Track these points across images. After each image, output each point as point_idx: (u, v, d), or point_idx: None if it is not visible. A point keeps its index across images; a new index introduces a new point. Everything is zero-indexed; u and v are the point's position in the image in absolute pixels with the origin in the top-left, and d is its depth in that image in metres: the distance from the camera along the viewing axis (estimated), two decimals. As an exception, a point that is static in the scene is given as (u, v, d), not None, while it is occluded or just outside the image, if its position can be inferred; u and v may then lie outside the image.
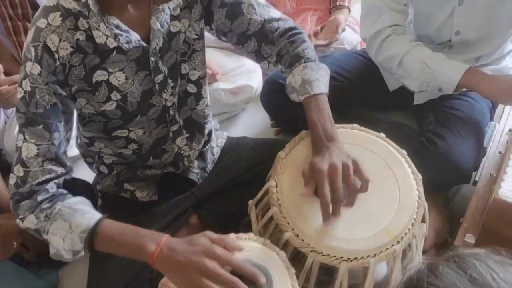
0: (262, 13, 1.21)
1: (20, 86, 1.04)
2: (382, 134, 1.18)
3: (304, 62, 1.19)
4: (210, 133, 1.37)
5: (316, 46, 1.72)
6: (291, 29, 1.23)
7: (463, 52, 1.53)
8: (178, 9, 1.14)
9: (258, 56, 1.25)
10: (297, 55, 1.20)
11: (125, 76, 1.10)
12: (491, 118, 1.55)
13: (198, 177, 1.36)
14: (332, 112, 1.15)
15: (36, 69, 1.01)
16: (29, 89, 1.03)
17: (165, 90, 1.18)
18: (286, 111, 1.46)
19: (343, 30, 1.78)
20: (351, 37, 1.86)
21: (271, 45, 1.22)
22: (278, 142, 1.44)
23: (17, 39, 1.54)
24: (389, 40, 1.45)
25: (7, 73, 1.47)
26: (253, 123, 1.88)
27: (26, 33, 1.52)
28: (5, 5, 1.49)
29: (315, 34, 1.80)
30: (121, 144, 1.21)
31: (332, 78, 1.56)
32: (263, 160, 1.28)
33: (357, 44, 1.86)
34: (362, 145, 1.14)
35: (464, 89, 1.44)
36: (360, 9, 1.55)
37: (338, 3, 1.85)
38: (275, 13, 1.23)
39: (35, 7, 1.52)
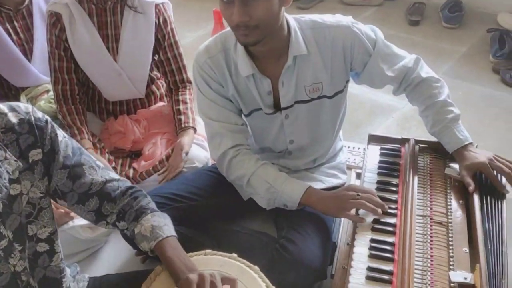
0: (103, 175, 1.27)
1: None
2: (234, 254, 1.24)
3: (151, 212, 1.27)
4: (69, 286, 1.33)
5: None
6: (131, 187, 1.32)
7: (301, 156, 1.70)
8: (17, 172, 1.13)
9: (97, 215, 1.28)
10: (142, 207, 1.28)
11: None
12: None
13: None
14: (190, 230, 1.22)
15: None
16: None
17: (12, 255, 1.14)
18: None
19: (187, 153, 1.87)
20: (200, 154, 1.95)
21: (112, 203, 1.27)
22: (142, 273, 1.44)
23: None
24: (235, 161, 1.56)
25: None
26: (117, 255, 1.85)
27: None
28: None
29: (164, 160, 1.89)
30: None
31: (186, 198, 1.65)
32: None
33: (207, 160, 1.96)
34: (217, 269, 1.18)
35: None
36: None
37: (183, 125, 1.95)
38: (114, 174, 1.31)
39: None
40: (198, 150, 1.96)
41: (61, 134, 1.22)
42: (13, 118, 1.12)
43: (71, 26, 1.89)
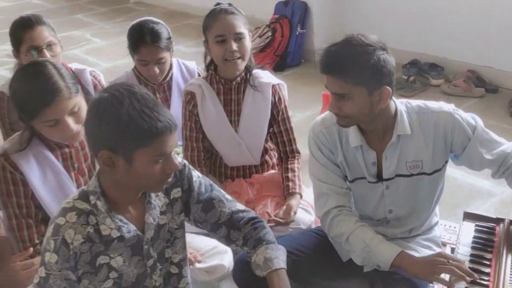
0: (230, 207, 1.54)
1: (37, 273, 1.27)
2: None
3: (266, 244, 1.49)
4: None
5: (276, 225, 2.03)
6: (253, 218, 1.56)
7: (398, 226, 1.85)
8: (164, 206, 1.44)
9: (228, 240, 1.55)
10: (260, 238, 1.51)
11: (123, 260, 1.36)
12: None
13: None
14: (294, 283, 1.41)
15: (54, 258, 1.26)
16: (43, 275, 1.26)
17: (155, 273, 1.42)
18: (256, 286, 1.69)
19: (295, 213, 2.10)
20: (305, 217, 2.17)
21: (238, 231, 1.53)
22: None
23: (20, 235, 1.76)
24: (337, 219, 1.75)
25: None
26: (226, 298, 2.07)
27: (28, 228, 1.76)
28: (12, 206, 1.76)
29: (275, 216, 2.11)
30: None
31: (291, 253, 1.84)
32: None
33: (311, 223, 2.17)
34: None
35: None
36: (312, 192, 1.89)
37: (290, 190, 2.19)
38: (240, 206, 1.57)
39: (37, 206, 1.79)
40: (303, 214, 2.18)
41: (195, 174, 1.52)
42: None
43: (202, 103, 2.25)
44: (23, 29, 2.21)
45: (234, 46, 2.11)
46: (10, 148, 1.74)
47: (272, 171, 2.41)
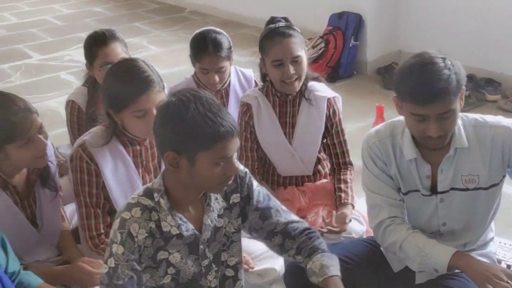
0: (286, 217, 1.60)
1: (106, 263, 1.36)
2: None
3: (321, 252, 1.54)
4: None
5: (329, 232, 2.05)
6: (308, 228, 1.61)
7: (451, 239, 1.84)
8: (222, 210, 1.51)
9: (281, 249, 1.59)
10: (315, 247, 1.56)
11: (180, 256, 1.43)
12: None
13: None
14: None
15: (120, 249, 1.35)
16: (113, 265, 1.35)
17: (210, 273, 1.49)
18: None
19: (350, 220, 2.13)
20: (357, 228, 2.19)
21: (292, 240, 1.57)
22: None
23: (87, 223, 1.87)
24: (389, 229, 1.77)
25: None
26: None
27: (96, 218, 1.86)
28: (84, 195, 1.87)
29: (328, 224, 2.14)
30: None
31: (343, 261, 1.86)
32: None
33: (362, 233, 2.18)
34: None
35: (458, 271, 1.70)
36: (364, 203, 1.91)
37: (343, 201, 2.22)
38: (294, 216, 1.63)
39: (105, 198, 1.89)
40: (355, 224, 2.19)
41: (255, 183, 1.58)
42: None
43: (258, 115, 2.31)
44: (97, 45, 2.30)
45: (292, 69, 2.15)
46: (91, 140, 1.85)
47: (324, 180, 2.44)
